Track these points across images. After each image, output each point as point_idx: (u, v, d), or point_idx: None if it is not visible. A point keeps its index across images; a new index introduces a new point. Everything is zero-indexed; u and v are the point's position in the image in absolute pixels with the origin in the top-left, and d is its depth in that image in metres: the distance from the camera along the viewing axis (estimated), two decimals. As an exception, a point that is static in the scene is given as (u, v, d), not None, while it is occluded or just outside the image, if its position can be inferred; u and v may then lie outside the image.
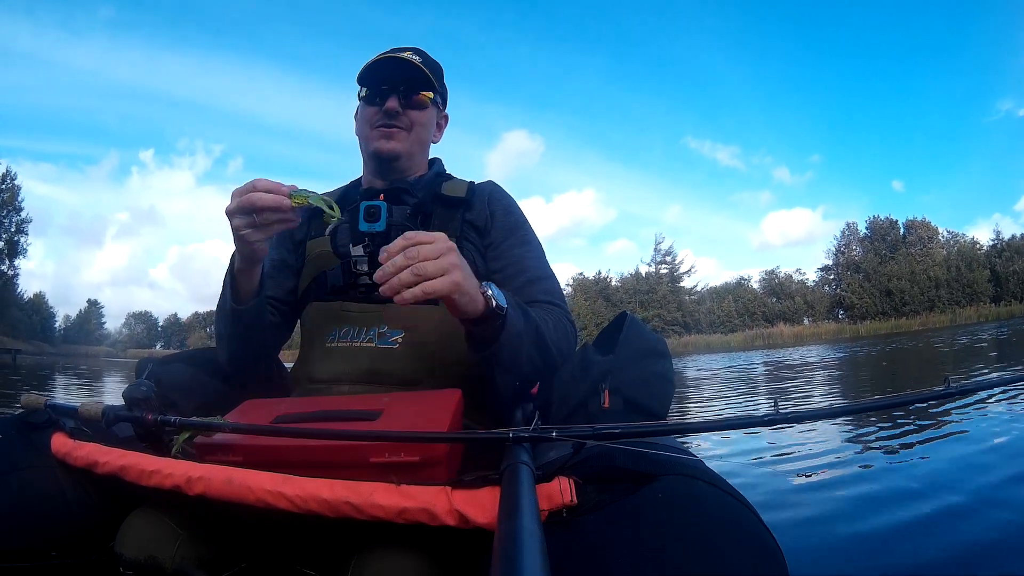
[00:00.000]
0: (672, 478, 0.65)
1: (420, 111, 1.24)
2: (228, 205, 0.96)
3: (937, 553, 1.33)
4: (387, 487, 0.69)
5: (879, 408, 2.72)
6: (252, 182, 0.95)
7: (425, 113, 1.25)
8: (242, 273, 1.05)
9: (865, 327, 33.58)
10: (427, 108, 1.25)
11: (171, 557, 0.79)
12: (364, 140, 1.26)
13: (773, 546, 0.61)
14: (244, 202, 0.94)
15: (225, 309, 1.08)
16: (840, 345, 18.69)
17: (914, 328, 29.82)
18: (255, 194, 0.94)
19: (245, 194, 0.94)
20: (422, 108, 1.24)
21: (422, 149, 1.29)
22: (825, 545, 1.44)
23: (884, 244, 39.70)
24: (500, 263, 1.19)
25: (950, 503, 1.72)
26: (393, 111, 1.21)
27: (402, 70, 1.20)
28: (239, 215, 0.95)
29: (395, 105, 1.20)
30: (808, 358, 11.55)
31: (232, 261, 1.05)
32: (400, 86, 1.21)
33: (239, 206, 0.94)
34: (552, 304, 1.16)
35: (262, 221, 0.95)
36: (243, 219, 0.95)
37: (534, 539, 0.50)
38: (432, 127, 1.30)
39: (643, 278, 43.22)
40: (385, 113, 1.21)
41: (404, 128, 1.23)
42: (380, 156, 1.23)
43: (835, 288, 40.58)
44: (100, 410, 0.89)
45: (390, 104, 1.20)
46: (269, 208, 0.94)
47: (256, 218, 0.94)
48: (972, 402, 3.41)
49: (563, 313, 1.15)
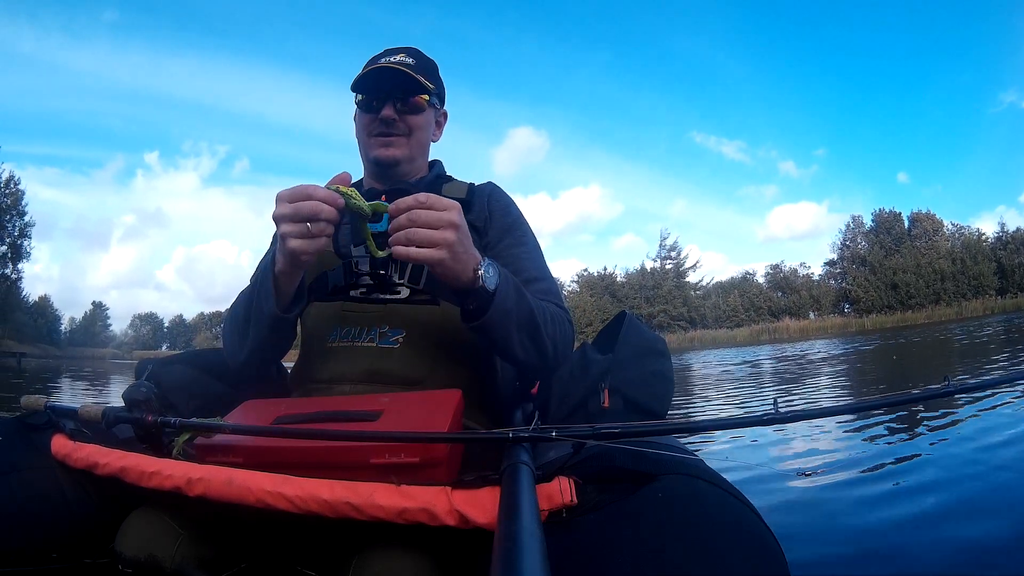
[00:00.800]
0: (672, 477, 0.66)
1: (417, 115, 1.23)
2: (276, 210, 0.92)
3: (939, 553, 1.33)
4: (387, 487, 0.69)
5: (878, 407, 2.73)
6: (305, 188, 0.91)
7: (422, 116, 1.24)
8: (284, 277, 1.00)
9: (871, 321, 33.56)
10: (424, 111, 1.24)
11: (171, 557, 0.80)
12: (364, 146, 1.26)
13: (773, 545, 0.61)
14: (301, 208, 0.90)
15: (264, 314, 1.04)
16: (846, 339, 18.67)
17: (920, 322, 29.75)
18: (314, 203, 0.90)
19: (297, 200, 0.91)
20: (419, 112, 1.23)
21: (422, 151, 1.29)
22: (826, 545, 1.44)
23: (889, 237, 39.64)
24: (498, 263, 1.19)
25: (953, 502, 1.71)
26: (390, 119, 1.20)
27: (396, 77, 1.19)
28: (290, 222, 0.91)
29: (391, 113, 1.20)
30: (813, 353, 11.53)
31: (270, 264, 1.01)
32: (395, 93, 1.20)
33: (294, 212, 0.90)
34: (550, 303, 1.17)
35: (316, 231, 0.91)
36: (295, 227, 0.91)
37: (534, 539, 0.50)
38: (431, 128, 1.30)
39: (648, 273, 43.40)
40: (382, 121, 1.21)
41: (402, 134, 1.22)
42: (380, 163, 1.23)
43: (840, 282, 40.55)
44: (100, 412, 0.90)
45: (386, 112, 1.20)
46: (326, 219, 0.91)
47: (311, 227, 0.91)
48: (979, 398, 3.40)
49: (562, 312, 1.15)
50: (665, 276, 42.76)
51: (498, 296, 0.95)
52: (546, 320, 1.06)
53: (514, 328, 0.99)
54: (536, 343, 1.04)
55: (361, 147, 1.28)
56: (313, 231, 0.90)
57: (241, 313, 1.10)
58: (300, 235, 0.91)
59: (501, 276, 0.97)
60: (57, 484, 0.91)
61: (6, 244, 31.38)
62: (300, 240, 0.91)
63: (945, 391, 0.78)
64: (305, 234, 0.91)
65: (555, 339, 1.07)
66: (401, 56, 1.23)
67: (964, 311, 31.30)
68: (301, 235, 0.91)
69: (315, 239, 0.91)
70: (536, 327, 1.03)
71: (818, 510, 1.76)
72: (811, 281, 42.09)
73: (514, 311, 0.98)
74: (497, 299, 0.95)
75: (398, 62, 1.20)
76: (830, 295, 40.28)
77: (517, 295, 1.00)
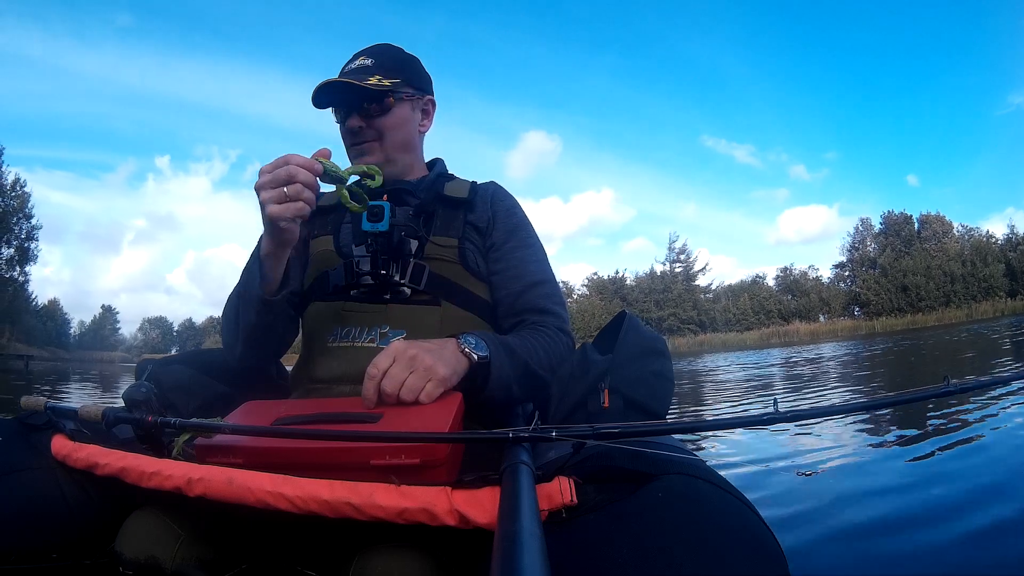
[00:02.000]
0: (672, 477, 0.66)
1: (385, 117, 1.21)
2: (258, 181, 0.96)
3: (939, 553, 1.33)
4: (387, 487, 0.70)
5: (878, 407, 2.73)
6: (284, 156, 0.95)
7: (392, 116, 1.22)
8: (269, 258, 1.03)
9: (880, 323, 33.44)
10: (392, 110, 1.22)
11: (171, 557, 0.81)
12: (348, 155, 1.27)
13: (774, 545, 0.62)
14: (278, 174, 0.93)
15: (252, 298, 1.06)
16: (856, 342, 18.62)
17: (930, 324, 29.62)
18: (290, 167, 0.93)
19: (277, 168, 0.94)
20: (387, 113, 1.22)
21: (405, 148, 1.27)
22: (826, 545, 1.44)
23: (899, 239, 39.54)
24: (501, 265, 1.20)
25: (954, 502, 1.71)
26: (356, 128, 1.21)
27: (342, 90, 1.18)
28: (268, 188, 0.94)
29: (356, 122, 1.20)
30: (824, 355, 11.49)
31: (257, 248, 1.04)
32: (354, 103, 1.20)
33: (272, 178, 0.94)
34: (549, 312, 1.18)
35: (292, 193, 0.94)
36: (272, 192, 0.94)
37: (534, 539, 0.50)
38: (410, 122, 1.27)
39: (658, 277, 43.60)
40: (351, 131, 1.22)
41: (373, 139, 1.22)
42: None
43: (850, 285, 40.45)
44: (100, 412, 0.91)
45: (351, 123, 1.20)
46: (302, 182, 0.94)
47: (287, 191, 0.94)
48: (985, 400, 3.40)
49: (559, 323, 1.17)
50: (675, 280, 42.95)
51: (492, 362, 0.99)
52: (537, 353, 1.08)
53: (513, 380, 1.02)
54: (533, 380, 1.06)
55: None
56: (289, 193, 0.94)
57: (232, 304, 1.12)
58: (277, 200, 0.94)
59: (488, 341, 1.00)
60: (57, 484, 0.92)
61: (13, 247, 31.55)
62: (277, 205, 0.94)
63: (945, 391, 0.78)
64: (282, 199, 0.94)
65: (551, 365, 1.09)
66: (361, 60, 1.22)
67: (974, 313, 31.15)
68: (278, 200, 0.94)
69: (292, 203, 0.94)
70: (530, 370, 1.05)
71: (818, 510, 1.76)
72: (820, 284, 42.04)
73: (508, 365, 1.02)
74: (493, 365, 0.99)
75: (357, 67, 1.21)
76: (840, 298, 40.20)
77: (505, 349, 1.03)
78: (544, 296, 1.17)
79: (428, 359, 0.91)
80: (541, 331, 1.14)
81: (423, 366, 0.90)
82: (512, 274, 1.19)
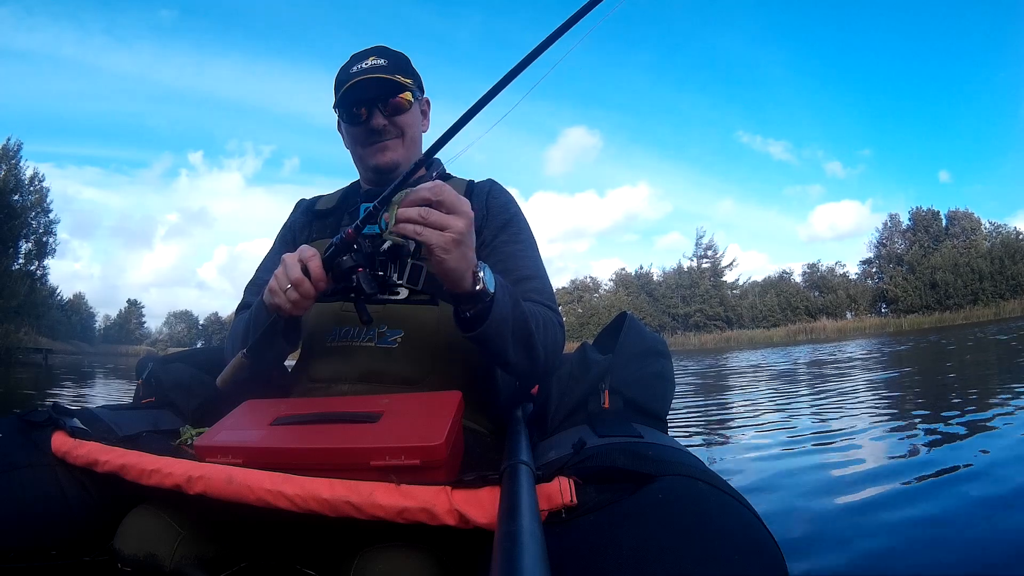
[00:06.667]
0: (672, 478, 0.68)
1: (405, 114, 1.26)
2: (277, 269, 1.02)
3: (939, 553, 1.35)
4: (387, 487, 0.72)
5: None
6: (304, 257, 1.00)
7: (410, 113, 1.27)
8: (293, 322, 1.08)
9: (908, 321, 33.11)
10: (409, 108, 1.27)
11: (170, 555, 0.83)
12: (358, 157, 1.30)
13: (772, 546, 0.64)
14: (291, 273, 0.99)
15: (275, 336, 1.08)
16: (884, 339, 18.47)
17: (958, 322, 29.31)
18: (298, 277, 0.98)
19: (291, 266, 0.99)
20: (406, 110, 1.26)
21: (416, 147, 1.31)
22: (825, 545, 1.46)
23: (927, 236, 39.21)
24: (491, 260, 1.21)
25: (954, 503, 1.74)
26: (380, 127, 1.24)
27: (374, 87, 1.22)
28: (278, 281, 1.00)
29: (380, 121, 1.24)
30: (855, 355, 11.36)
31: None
32: (378, 100, 1.23)
33: (283, 274, 0.99)
34: (542, 305, 1.18)
35: (293, 299, 0.99)
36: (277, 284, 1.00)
37: (534, 539, 0.52)
38: (420, 122, 1.33)
39: (685, 273, 43.62)
40: (373, 131, 1.24)
41: (396, 137, 1.26)
42: (381, 170, 1.27)
43: (877, 281, 40.16)
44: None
45: (376, 122, 1.24)
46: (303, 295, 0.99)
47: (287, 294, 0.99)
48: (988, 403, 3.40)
49: (554, 316, 1.17)
50: (702, 275, 42.96)
51: (496, 302, 0.96)
52: (539, 326, 1.08)
53: (509, 335, 1.01)
54: (528, 351, 1.06)
55: (355, 157, 1.32)
56: (290, 298, 0.99)
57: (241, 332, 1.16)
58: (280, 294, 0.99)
59: (497, 282, 0.98)
60: (57, 482, 0.94)
61: (31, 241, 31.89)
62: (278, 299, 1.00)
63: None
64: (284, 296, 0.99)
65: (546, 346, 1.09)
66: (372, 60, 1.26)
67: (1002, 311, 30.76)
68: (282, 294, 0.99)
69: (293, 303, 0.99)
70: (530, 334, 1.05)
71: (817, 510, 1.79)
72: (848, 280, 41.77)
73: (510, 318, 1.00)
74: (496, 305, 0.96)
75: (372, 67, 1.23)
76: (867, 295, 39.93)
77: (512, 301, 1.02)
78: (534, 291, 1.19)
79: (455, 253, 0.90)
80: (541, 310, 1.15)
81: (452, 241, 0.89)
82: (501, 268, 1.19)
